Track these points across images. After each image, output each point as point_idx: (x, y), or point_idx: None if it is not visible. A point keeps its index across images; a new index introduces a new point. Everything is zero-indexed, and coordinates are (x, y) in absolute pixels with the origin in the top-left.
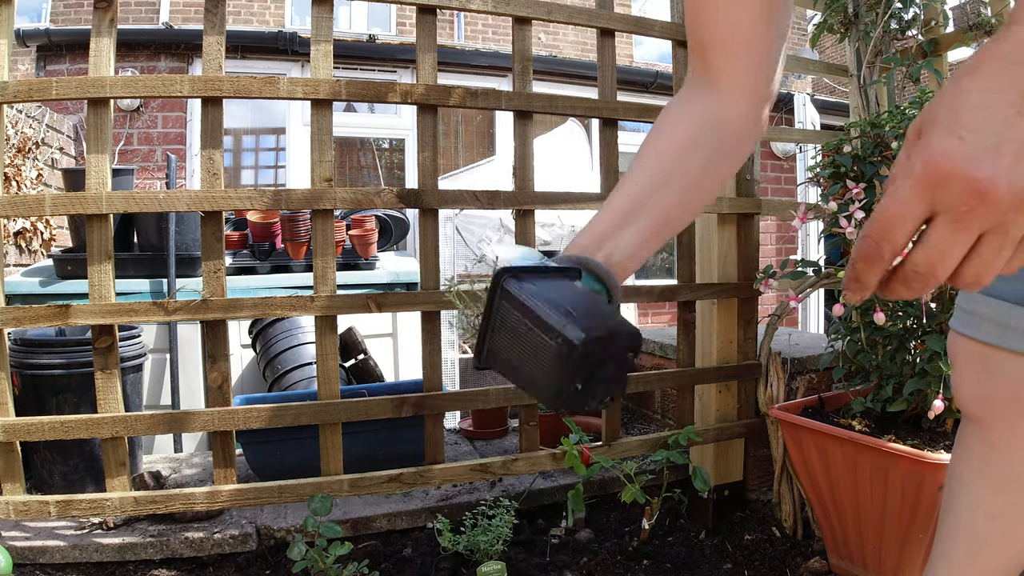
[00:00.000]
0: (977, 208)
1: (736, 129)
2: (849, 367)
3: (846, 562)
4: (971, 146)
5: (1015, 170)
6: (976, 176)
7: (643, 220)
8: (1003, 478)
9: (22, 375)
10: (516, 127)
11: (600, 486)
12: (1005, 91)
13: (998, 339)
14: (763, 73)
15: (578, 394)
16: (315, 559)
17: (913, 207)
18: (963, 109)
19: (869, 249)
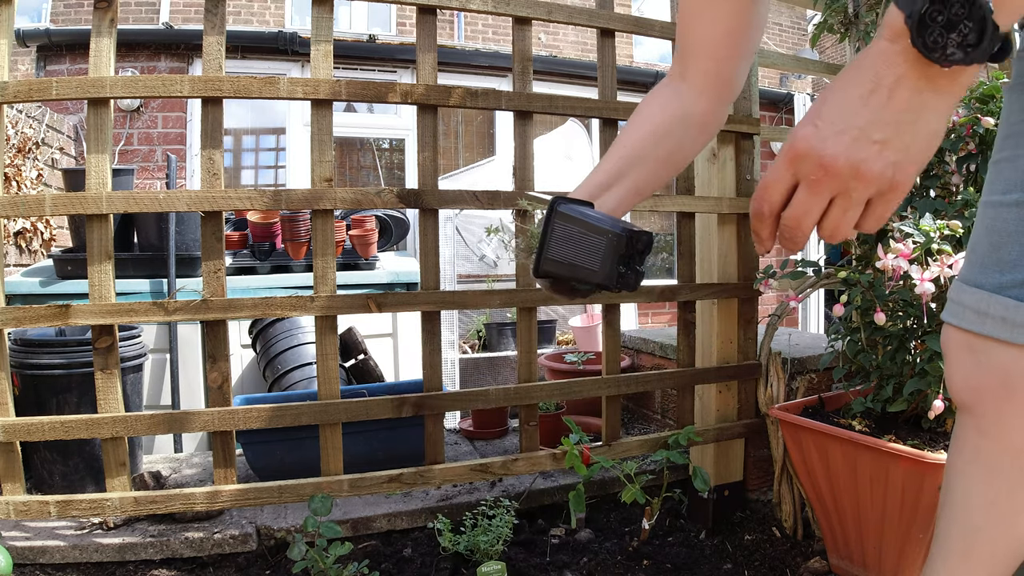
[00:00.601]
0: (823, 177)
1: (702, 123)
2: (849, 367)
3: (846, 562)
4: (822, 131)
5: (852, 148)
6: (822, 153)
7: (621, 188)
8: (995, 466)
9: (22, 375)
10: (516, 127)
11: (600, 486)
12: (854, 87)
13: (978, 326)
14: (728, 82)
15: (623, 275)
16: (315, 559)
17: (781, 176)
18: (822, 103)
19: (756, 208)
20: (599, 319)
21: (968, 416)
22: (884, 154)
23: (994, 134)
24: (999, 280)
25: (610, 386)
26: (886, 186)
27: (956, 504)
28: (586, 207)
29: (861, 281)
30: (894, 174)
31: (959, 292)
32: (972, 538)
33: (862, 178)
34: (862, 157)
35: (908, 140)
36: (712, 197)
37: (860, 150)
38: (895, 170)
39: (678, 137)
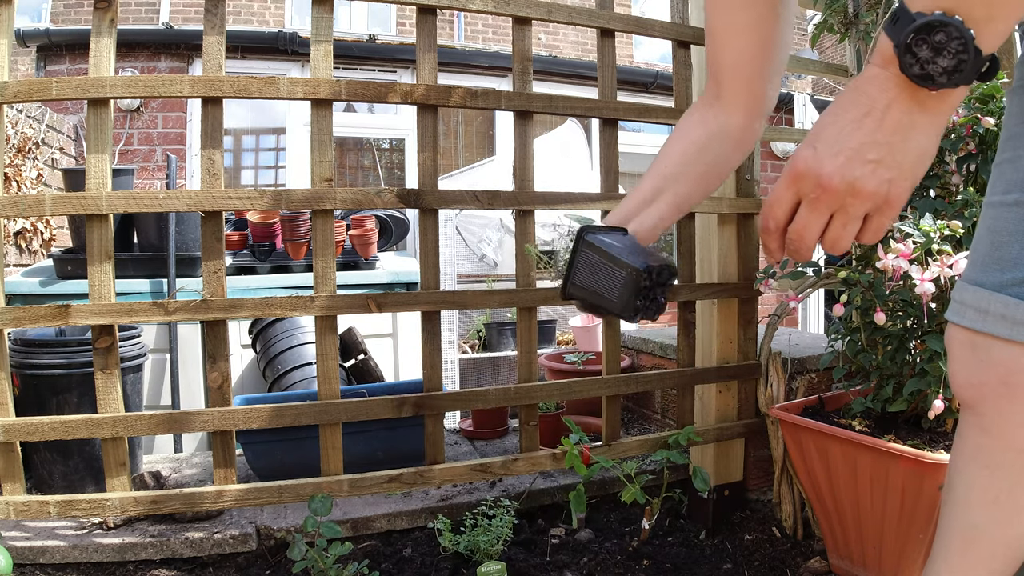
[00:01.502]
0: (822, 195)
1: (737, 138)
2: (849, 367)
3: (846, 562)
4: (820, 153)
5: (848, 167)
6: (820, 172)
7: (662, 204)
8: (996, 464)
9: (22, 375)
10: (516, 127)
11: (600, 486)
12: (848, 111)
13: (980, 324)
14: (760, 97)
15: (641, 308)
16: (315, 559)
17: (784, 195)
18: (820, 126)
19: (763, 224)
20: (599, 319)
21: (970, 414)
22: (878, 172)
23: (994, 134)
24: (1000, 278)
25: (610, 386)
26: (881, 201)
27: (957, 502)
28: (616, 235)
29: (861, 281)
30: (889, 190)
31: (961, 291)
32: (973, 535)
33: (858, 195)
34: (857, 175)
35: (900, 158)
36: (712, 197)
37: (855, 169)
38: (889, 186)
39: (715, 152)
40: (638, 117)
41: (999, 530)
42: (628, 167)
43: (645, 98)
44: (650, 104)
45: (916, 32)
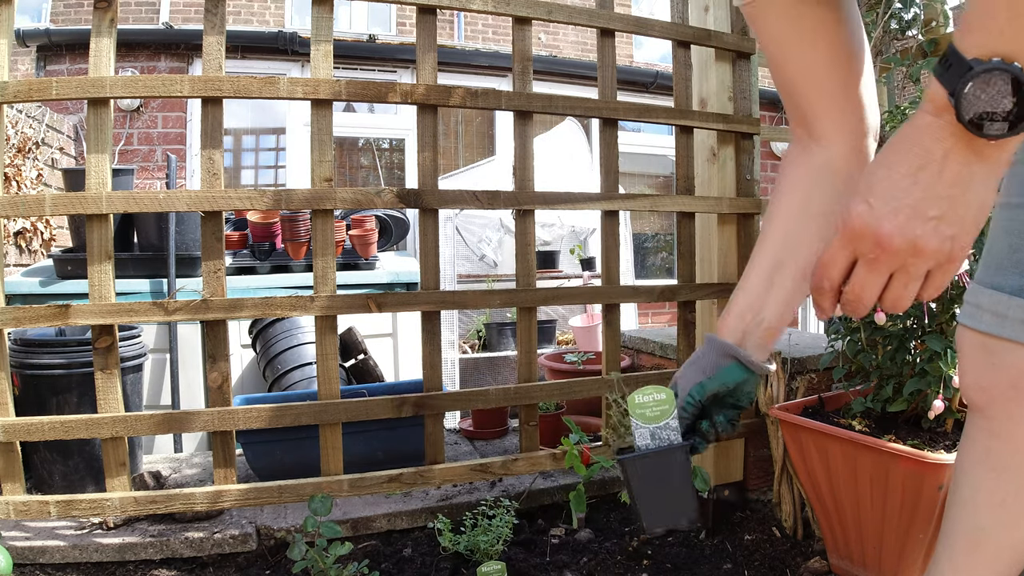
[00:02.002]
0: (881, 255)
1: (846, 170)
2: (849, 367)
3: (846, 562)
4: (876, 210)
5: (908, 226)
6: (879, 232)
7: (785, 280)
8: (1004, 467)
9: (22, 375)
10: (516, 127)
11: (600, 486)
12: (902, 163)
13: (997, 328)
14: (856, 114)
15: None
16: (315, 559)
17: (839, 255)
18: (873, 181)
19: (816, 284)
20: (599, 319)
21: (979, 417)
22: (940, 229)
23: None
24: (1019, 282)
25: (610, 386)
26: (944, 258)
27: (963, 503)
28: (661, 459)
29: None
30: (952, 247)
31: (976, 295)
32: (978, 538)
33: (920, 254)
34: (918, 234)
35: (962, 212)
36: (712, 197)
37: (916, 227)
38: (952, 243)
39: (826, 198)
40: (638, 117)
41: (1005, 533)
42: (628, 167)
43: (645, 98)
44: (650, 104)
45: (973, 80)
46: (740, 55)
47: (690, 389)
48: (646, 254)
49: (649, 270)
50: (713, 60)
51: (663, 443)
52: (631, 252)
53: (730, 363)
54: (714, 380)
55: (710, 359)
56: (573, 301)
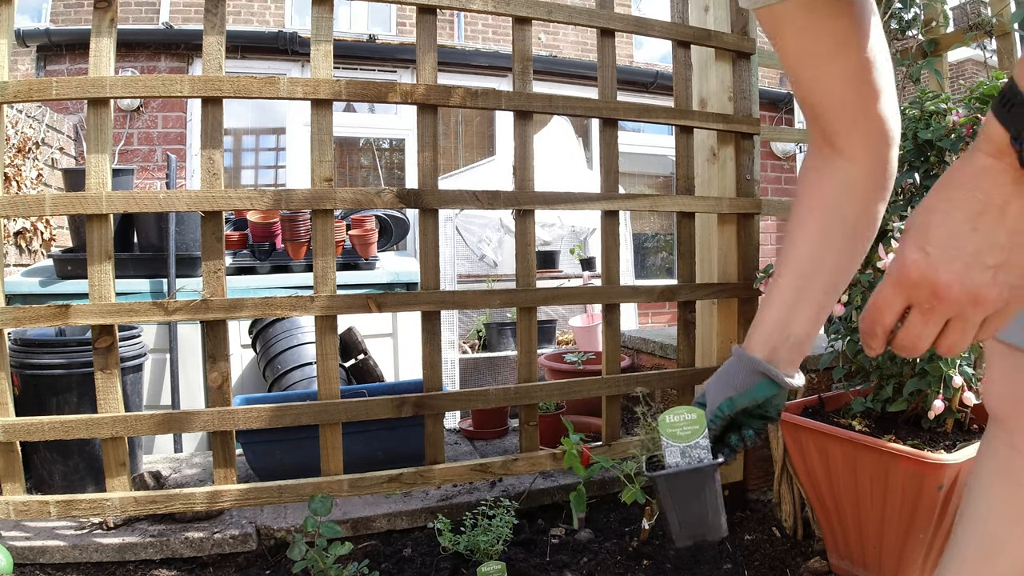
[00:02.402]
0: (938, 305)
1: (871, 181)
2: (849, 367)
3: (846, 562)
4: (933, 258)
5: (967, 275)
6: (936, 281)
7: (813, 295)
8: (1022, 482)
9: (22, 375)
10: (516, 127)
11: (600, 486)
12: (959, 208)
13: (1020, 341)
14: (879, 129)
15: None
16: (315, 559)
17: (893, 301)
18: (929, 226)
19: (867, 329)
20: (599, 319)
21: (1000, 428)
22: (999, 278)
23: None
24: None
25: (610, 386)
26: (1003, 305)
27: (978, 515)
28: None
29: (861, 281)
30: (1011, 295)
31: None
32: (992, 550)
33: (980, 304)
34: (977, 284)
35: (1022, 259)
36: (712, 197)
37: (975, 277)
38: (1012, 292)
39: (851, 211)
40: (638, 117)
41: (1018, 548)
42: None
43: (645, 98)
44: (650, 104)
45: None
46: (740, 55)
47: (720, 404)
48: (646, 254)
49: (649, 270)
50: (713, 60)
51: (693, 461)
52: (631, 252)
53: (760, 380)
54: (744, 396)
55: (740, 375)
56: (573, 301)
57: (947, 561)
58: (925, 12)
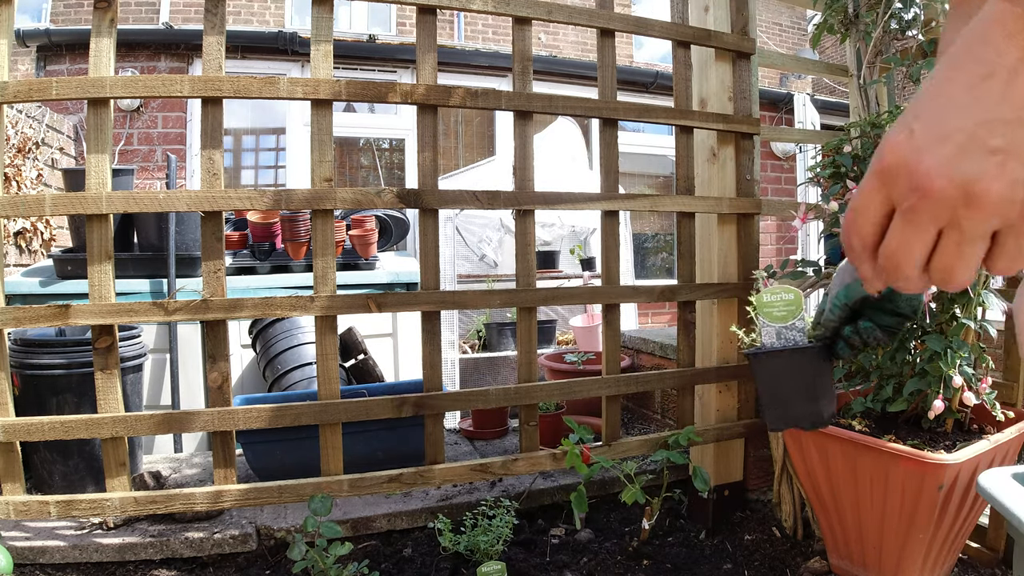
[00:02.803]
0: (919, 203)
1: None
2: (849, 367)
3: (846, 562)
4: (917, 138)
5: (957, 162)
6: (915, 170)
7: None
8: None
9: (22, 375)
10: (516, 127)
11: (600, 486)
12: (959, 71)
13: None
14: None
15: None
16: (315, 559)
17: (871, 200)
18: (921, 98)
19: (846, 240)
20: (599, 319)
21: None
22: (1008, 167)
23: None
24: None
25: (610, 386)
26: (1015, 214)
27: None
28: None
29: None
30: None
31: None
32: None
33: (976, 204)
34: (974, 174)
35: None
36: (712, 197)
37: (970, 164)
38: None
39: None
40: (638, 117)
41: None
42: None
43: (645, 98)
44: (650, 104)
45: None
46: (740, 55)
47: (838, 291)
48: (646, 254)
49: (649, 270)
50: (713, 60)
51: (788, 343)
52: (631, 252)
53: None
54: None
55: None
56: (573, 301)
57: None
58: (925, 12)
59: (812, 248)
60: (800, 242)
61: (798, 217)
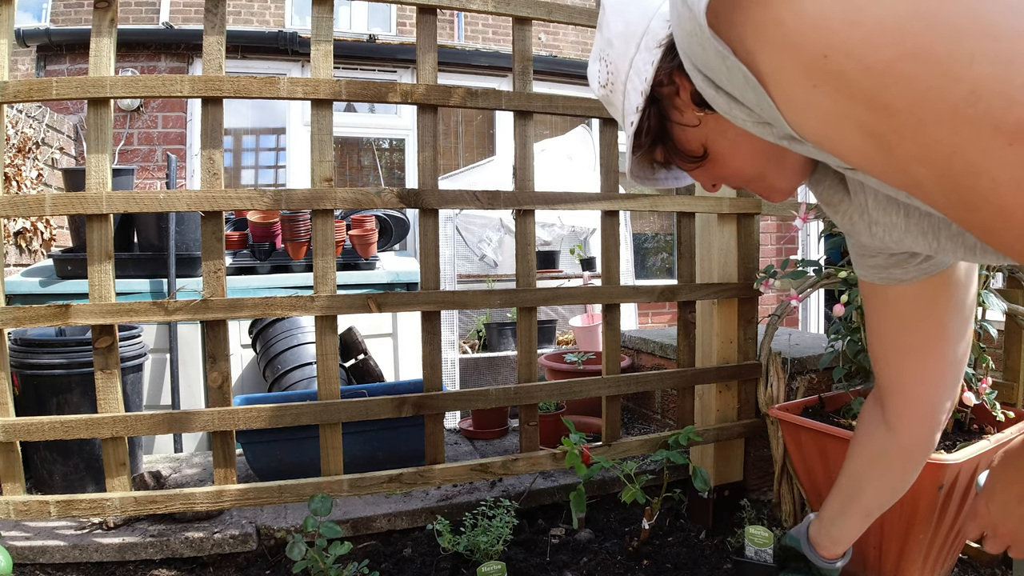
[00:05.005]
0: (998, 540)
1: (907, 454)
2: (849, 367)
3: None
4: (993, 515)
5: (1016, 530)
6: (996, 531)
7: (851, 514)
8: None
9: (22, 375)
10: (516, 127)
11: (600, 486)
12: (1012, 488)
13: None
14: (929, 416)
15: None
16: (315, 559)
17: (972, 529)
18: (994, 492)
19: (963, 535)
20: (599, 319)
21: None
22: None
23: None
24: None
25: (610, 386)
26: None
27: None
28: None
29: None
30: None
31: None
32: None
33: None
34: (1021, 536)
35: None
36: (712, 197)
37: (1020, 530)
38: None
39: (884, 468)
40: None
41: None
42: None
43: None
44: None
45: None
46: None
47: (785, 537)
48: (646, 254)
49: (649, 270)
50: None
51: (760, 560)
52: (631, 252)
53: (802, 541)
54: (789, 539)
55: (801, 528)
56: (573, 301)
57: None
58: None
59: (812, 248)
60: (800, 242)
61: (798, 217)
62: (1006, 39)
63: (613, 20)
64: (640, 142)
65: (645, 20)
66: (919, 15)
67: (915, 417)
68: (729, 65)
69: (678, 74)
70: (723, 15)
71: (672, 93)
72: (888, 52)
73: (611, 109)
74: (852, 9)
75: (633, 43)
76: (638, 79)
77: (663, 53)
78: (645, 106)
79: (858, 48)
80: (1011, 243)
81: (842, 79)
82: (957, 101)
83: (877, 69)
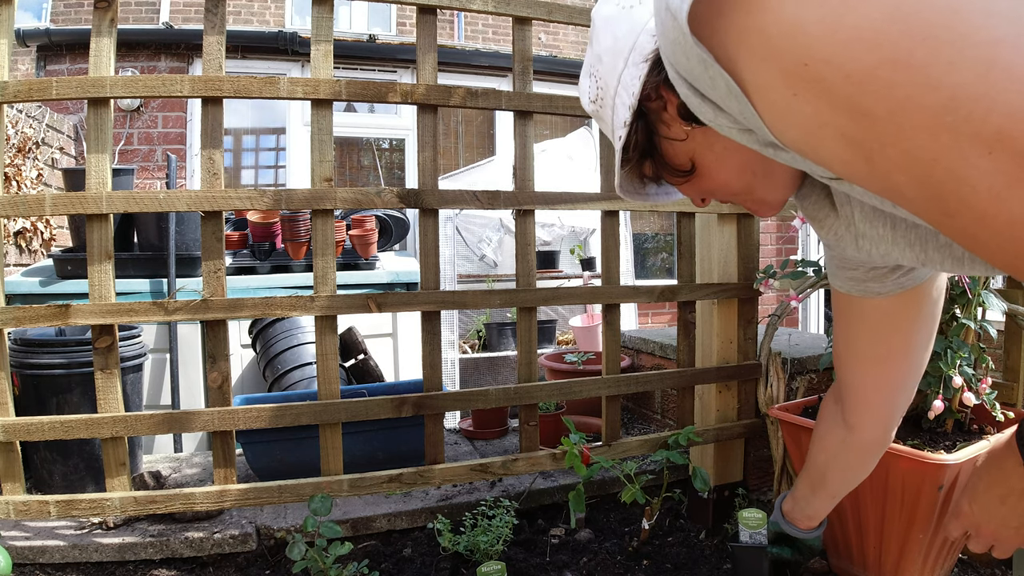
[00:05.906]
0: (980, 540)
1: (865, 449)
2: None
3: (846, 562)
4: (976, 515)
5: (998, 531)
6: (979, 531)
7: (820, 497)
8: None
9: (22, 375)
10: (516, 127)
11: (600, 486)
12: (994, 490)
13: None
14: (886, 419)
15: None
16: (315, 559)
17: (956, 528)
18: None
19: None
20: (599, 319)
21: None
22: (1021, 532)
23: None
24: None
25: (610, 386)
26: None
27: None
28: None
29: None
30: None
31: None
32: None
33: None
34: (1005, 536)
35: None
36: None
37: (1002, 533)
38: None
39: (843, 461)
40: None
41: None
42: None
43: None
44: None
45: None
46: None
47: (771, 519)
48: (646, 254)
49: (649, 270)
50: None
51: (754, 543)
52: (631, 252)
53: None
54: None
55: (776, 507)
56: (573, 301)
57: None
58: None
59: (812, 248)
60: (800, 242)
61: (797, 217)
62: (984, 45)
63: (602, 35)
64: (628, 156)
65: (633, 35)
66: (896, 21)
67: (873, 419)
68: (712, 73)
69: (665, 88)
70: (706, 22)
71: (659, 107)
72: (867, 59)
73: (601, 124)
74: (831, 16)
75: (621, 58)
76: (626, 94)
77: (650, 67)
78: (633, 120)
79: (837, 55)
80: (993, 250)
81: (822, 87)
82: (936, 108)
83: (856, 76)
